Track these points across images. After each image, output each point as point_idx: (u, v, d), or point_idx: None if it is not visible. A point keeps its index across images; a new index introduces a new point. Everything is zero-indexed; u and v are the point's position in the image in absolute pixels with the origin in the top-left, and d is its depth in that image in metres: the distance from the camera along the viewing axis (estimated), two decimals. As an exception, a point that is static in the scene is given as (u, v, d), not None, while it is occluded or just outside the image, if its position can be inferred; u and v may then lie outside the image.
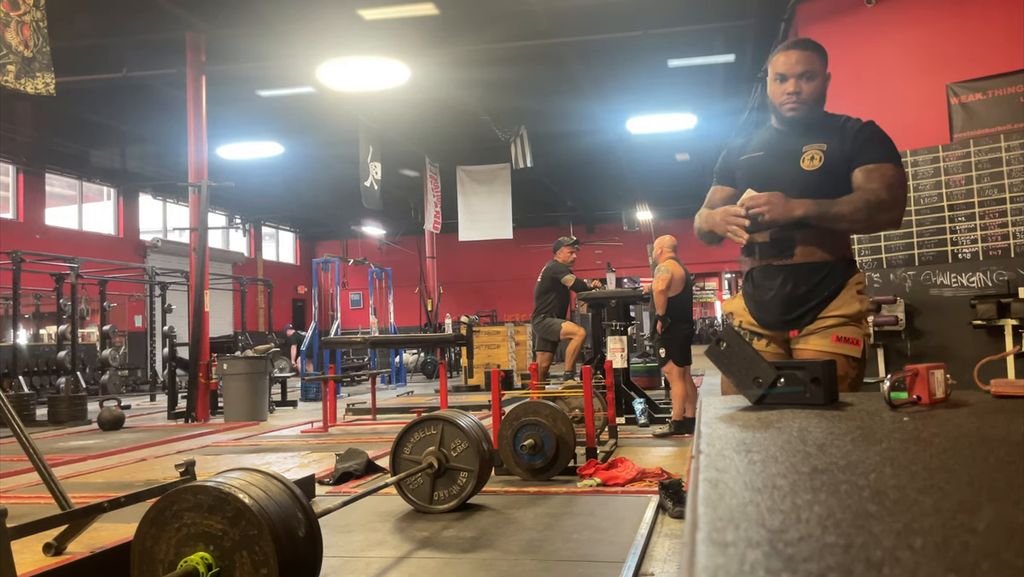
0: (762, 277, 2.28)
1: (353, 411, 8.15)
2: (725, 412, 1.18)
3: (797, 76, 2.22)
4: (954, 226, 5.84)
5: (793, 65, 2.23)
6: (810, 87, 2.23)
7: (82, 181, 16.18)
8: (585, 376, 4.51)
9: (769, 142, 2.33)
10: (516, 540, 3.03)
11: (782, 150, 2.27)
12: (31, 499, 3.97)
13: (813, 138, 2.24)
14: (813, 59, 2.24)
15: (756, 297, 2.31)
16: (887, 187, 2.14)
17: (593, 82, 10.95)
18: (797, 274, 2.20)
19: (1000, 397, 1.25)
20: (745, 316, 2.34)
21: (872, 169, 2.16)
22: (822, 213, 2.09)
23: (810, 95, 2.23)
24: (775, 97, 2.27)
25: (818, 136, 2.24)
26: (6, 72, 5.40)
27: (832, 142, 2.22)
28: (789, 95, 2.23)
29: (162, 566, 2.00)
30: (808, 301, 2.20)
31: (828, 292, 2.19)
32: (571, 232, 21.13)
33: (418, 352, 15.81)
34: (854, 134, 2.22)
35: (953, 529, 0.44)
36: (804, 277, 2.19)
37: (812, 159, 2.21)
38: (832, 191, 2.15)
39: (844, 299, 2.19)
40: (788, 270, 2.21)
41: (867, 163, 2.17)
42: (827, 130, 2.26)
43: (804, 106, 2.23)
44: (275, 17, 8.29)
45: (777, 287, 2.23)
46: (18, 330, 10.64)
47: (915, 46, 6.54)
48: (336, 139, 12.81)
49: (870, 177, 2.15)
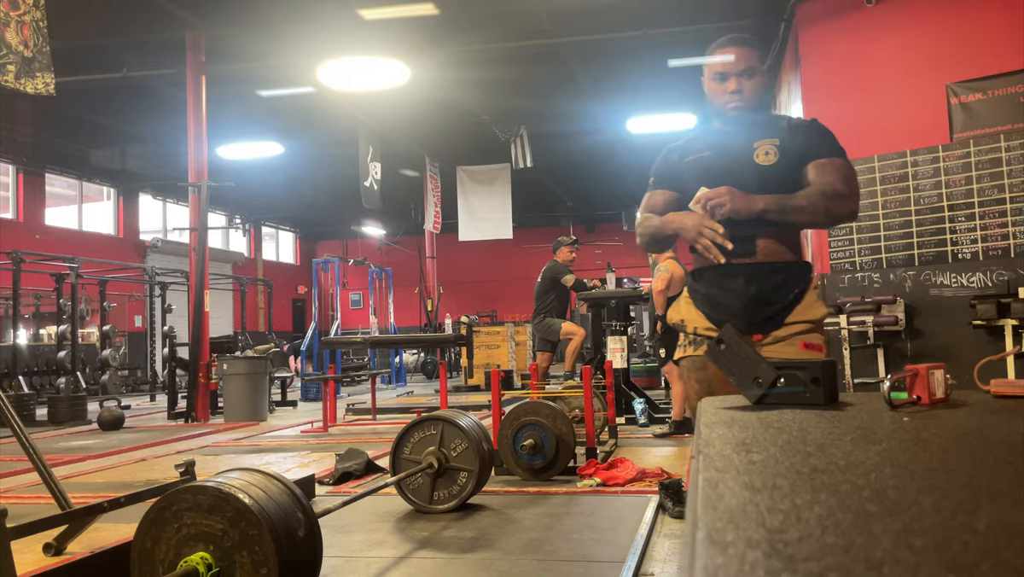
0: (719, 277, 2.17)
1: (353, 411, 8.16)
2: (725, 412, 1.18)
3: (738, 74, 2.18)
4: (954, 226, 5.84)
5: (736, 62, 2.18)
6: (752, 84, 2.19)
7: (82, 181, 16.18)
8: (585, 376, 4.51)
9: (716, 143, 2.26)
10: (516, 540, 3.03)
11: (732, 148, 2.21)
12: (31, 499, 3.97)
13: (762, 134, 2.20)
14: (752, 55, 2.20)
15: (713, 299, 2.20)
16: (843, 179, 2.12)
17: (593, 82, 10.95)
18: (760, 274, 2.12)
19: (1000, 397, 1.25)
20: (700, 321, 2.23)
21: (825, 163, 2.15)
22: (782, 206, 2.05)
23: (753, 92, 2.19)
24: (716, 97, 2.22)
25: (767, 132, 2.21)
26: (6, 72, 5.40)
27: (783, 137, 2.19)
28: (732, 94, 2.18)
29: (162, 566, 2.00)
30: (774, 304, 2.13)
31: (793, 295, 2.14)
32: (571, 232, 21.12)
33: (418, 352, 15.81)
34: (804, 130, 2.21)
35: (953, 529, 0.44)
36: (766, 278, 2.13)
37: (767, 154, 2.17)
38: (789, 186, 2.12)
39: (808, 303, 2.15)
40: (750, 270, 2.12)
41: (819, 157, 2.15)
42: (774, 127, 2.23)
43: (748, 103, 2.19)
44: (275, 17, 8.29)
45: (740, 288, 2.13)
46: (18, 330, 10.64)
47: (915, 46, 6.54)
48: (336, 139, 12.81)
49: (824, 170, 2.13)
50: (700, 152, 2.26)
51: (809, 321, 2.13)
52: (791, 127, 2.22)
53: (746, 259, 2.12)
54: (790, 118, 2.28)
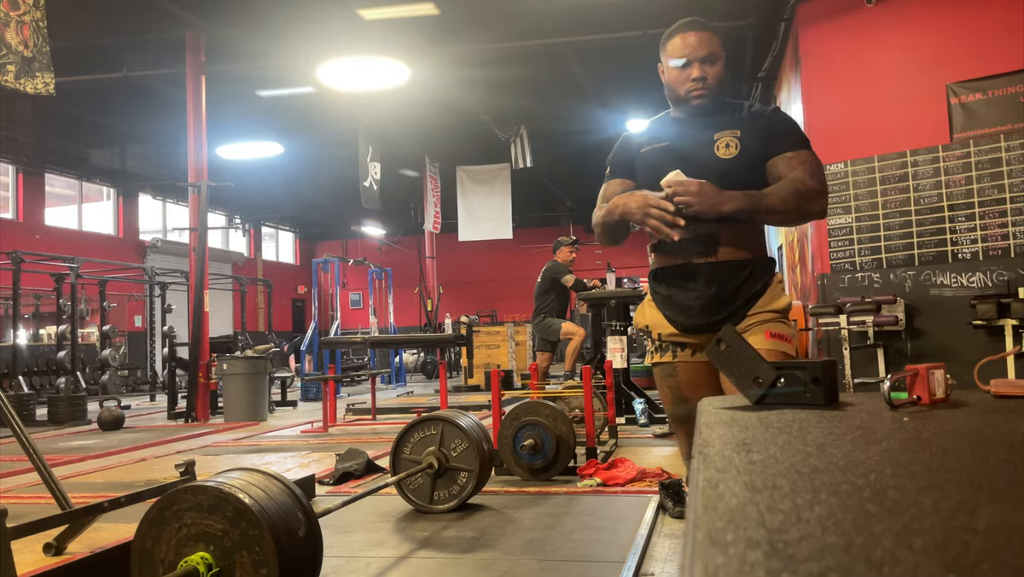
0: (678, 277, 2.08)
1: (353, 411, 8.15)
2: (725, 412, 1.18)
3: (701, 60, 2.05)
4: (954, 226, 5.84)
5: (695, 48, 2.05)
6: (714, 71, 2.07)
7: (82, 181, 16.18)
8: (585, 376, 4.51)
9: (674, 133, 2.14)
10: (516, 540, 3.03)
11: (691, 139, 2.10)
12: (31, 499, 3.97)
13: (723, 125, 2.09)
14: (714, 40, 2.07)
15: (672, 300, 2.11)
16: (811, 174, 2.02)
17: (593, 82, 10.95)
18: (721, 273, 2.03)
19: (1000, 397, 1.25)
20: (664, 327, 2.13)
21: (792, 157, 2.04)
22: (753, 207, 1.94)
23: (715, 79, 2.07)
24: (677, 85, 2.09)
25: (727, 123, 2.09)
26: (6, 72, 5.40)
27: (744, 128, 2.07)
28: (695, 81, 2.06)
29: (162, 566, 2.00)
30: (735, 300, 2.05)
31: (755, 290, 2.05)
32: (571, 232, 21.13)
33: (418, 352, 15.82)
34: (766, 121, 2.09)
35: (953, 529, 0.44)
36: (728, 276, 2.03)
37: (727, 146, 2.05)
38: (748, 180, 2.02)
39: (772, 295, 2.07)
40: (710, 269, 2.03)
41: (786, 151, 2.05)
42: (734, 117, 2.11)
43: (711, 92, 2.07)
44: (275, 17, 8.29)
45: (700, 288, 2.04)
46: (18, 330, 10.64)
47: (915, 46, 6.54)
48: (336, 139, 12.81)
49: (792, 165, 2.03)
50: (658, 142, 2.14)
51: (774, 311, 2.05)
52: (752, 116, 2.10)
53: (707, 258, 2.03)
54: (749, 105, 2.16)
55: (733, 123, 2.09)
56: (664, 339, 2.14)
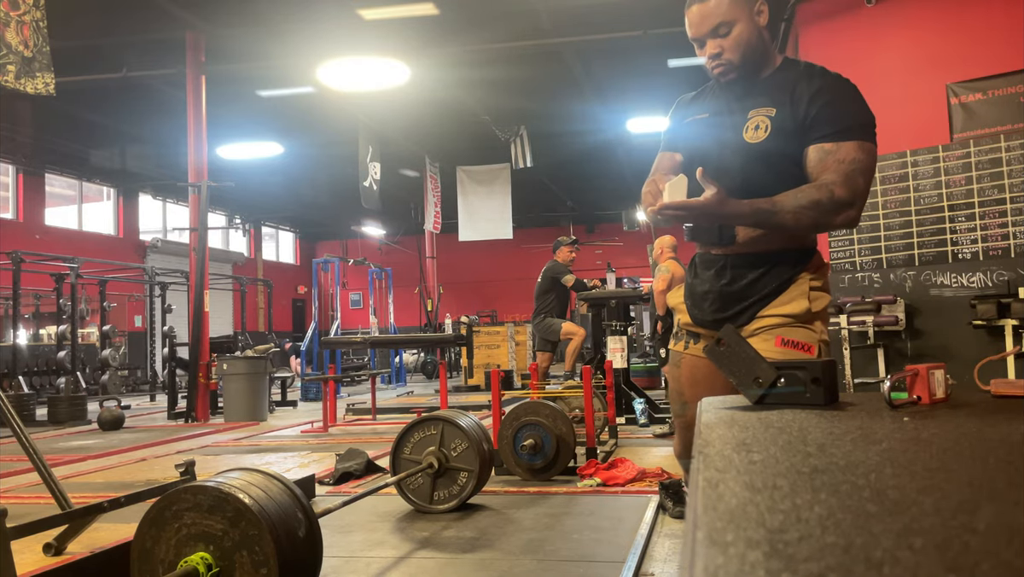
0: (701, 267, 1.96)
1: (353, 411, 8.15)
2: (725, 412, 1.18)
3: (710, 35, 1.81)
4: (954, 226, 5.84)
5: (699, 24, 1.81)
6: (732, 40, 1.79)
7: (82, 181, 16.18)
8: (585, 376, 4.51)
9: (716, 104, 1.93)
10: (516, 540, 3.03)
11: (726, 115, 1.88)
12: (31, 499, 3.97)
13: (760, 99, 1.83)
14: (721, 4, 1.78)
15: (693, 289, 1.98)
16: (844, 178, 1.71)
17: (593, 82, 10.95)
18: (735, 265, 1.87)
19: (1000, 397, 1.25)
20: (684, 314, 2.02)
21: (830, 151, 1.74)
22: (761, 223, 1.75)
23: (735, 48, 1.80)
24: (706, 64, 1.87)
25: (767, 95, 1.83)
26: (6, 72, 5.40)
27: (782, 105, 1.80)
28: (711, 59, 1.83)
29: (162, 566, 2.00)
30: (746, 298, 1.86)
31: (770, 289, 1.84)
32: (571, 232, 21.14)
33: (418, 352, 15.82)
34: (809, 97, 1.77)
35: (953, 529, 0.44)
36: (742, 269, 1.86)
37: (756, 128, 1.81)
38: (781, 167, 1.79)
39: (790, 296, 1.84)
40: (725, 260, 1.88)
41: (823, 140, 1.75)
42: (777, 86, 1.83)
43: (732, 65, 1.81)
44: (275, 17, 8.29)
45: (711, 279, 1.91)
46: (18, 330, 10.64)
47: (915, 46, 6.54)
48: (336, 139, 12.81)
49: (825, 163, 1.74)
50: (699, 113, 1.95)
51: (788, 316, 1.83)
52: (796, 91, 1.79)
53: (725, 248, 1.87)
54: (806, 70, 1.84)
55: (774, 98, 1.82)
56: (682, 326, 2.04)
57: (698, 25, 1.81)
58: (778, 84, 1.83)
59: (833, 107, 1.76)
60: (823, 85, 1.78)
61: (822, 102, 1.76)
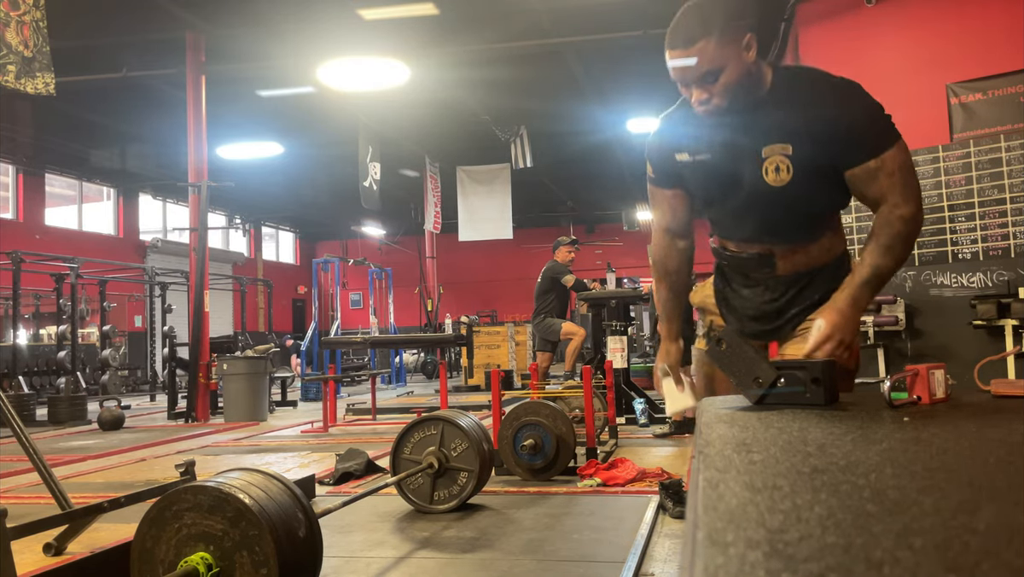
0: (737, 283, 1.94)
1: (353, 411, 8.15)
2: (725, 412, 1.18)
3: (696, 83, 1.66)
4: (954, 226, 5.84)
5: (683, 73, 1.66)
6: (721, 87, 1.64)
7: (82, 181, 16.18)
8: (585, 376, 4.51)
9: (714, 140, 1.77)
10: (516, 540, 3.03)
11: (734, 153, 1.74)
12: (31, 499, 3.97)
13: (770, 134, 1.69)
14: (707, 46, 1.61)
15: (728, 301, 1.97)
16: (902, 192, 1.66)
17: (593, 82, 10.95)
18: (776, 285, 1.87)
19: (1000, 397, 1.25)
20: (717, 317, 2.02)
21: (876, 169, 1.65)
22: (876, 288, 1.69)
23: (725, 94, 1.65)
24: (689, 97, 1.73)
25: (776, 128, 1.68)
26: (6, 72, 5.40)
27: (797, 139, 1.67)
28: (700, 104, 1.68)
29: (162, 566, 2.00)
30: (788, 310, 1.87)
31: (812, 301, 1.83)
32: (571, 232, 21.13)
33: (418, 352, 15.82)
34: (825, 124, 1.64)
35: (953, 529, 0.44)
36: (784, 288, 1.86)
37: (777, 170, 1.69)
38: (803, 207, 1.75)
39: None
40: (768, 283, 1.88)
41: (865, 159, 1.65)
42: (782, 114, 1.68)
43: (724, 104, 1.67)
44: (275, 17, 8.29)
45: (751, 296, 1.90)
46: (18, 330, 10.64)
47: (915, 46, 6.54)
48: (336, 139, 12.81)
49: (878, 184, 1.66)
50: (697, 152, 1.81)
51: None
52: (808, 119, 1.65)
53: (765, 272, 1.86)
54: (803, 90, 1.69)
55: (784, 131, 1.68)
56: (715, 327, 2.01)
57: (681, 73, 1.67)
58: (782, 110, 1.69)
59: (858, 123, 1.65)
60: (834, 103, 1.67)
61: (845, 124, 1.64)
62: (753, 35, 1.65)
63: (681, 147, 1.84)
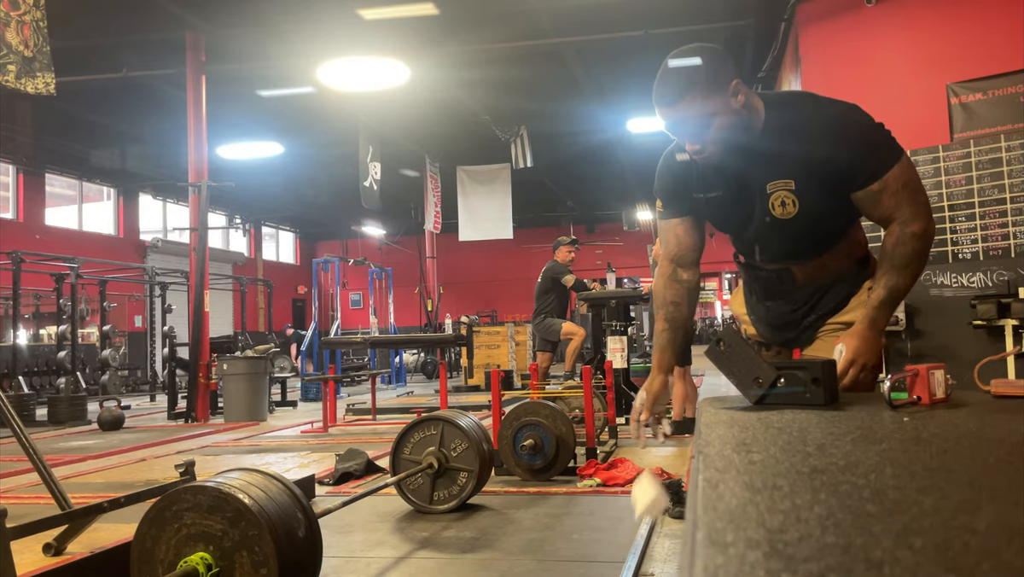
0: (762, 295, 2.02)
1: (353, 411, 8.15)
2: (725, 412, 1.18)
3: (690, 137, 1.70)
4: (954, 226, 5.84)
5: (674, 128, 1.71)
6: (712, 136, 1.67)
7: (82, 181, 16.18)
8: (585, 376, 4.51)
9: (717, 178, 1.82)
10: (516, 540, 3.03)
11: (740, 190, 1.80)
12: (31, 499, 3.97)
13: (771, 170, 1.74)
14: (694, 102, 1.63)
15: (755, 310, 2.07)
16: (911, 208, 1.68)
17: (593, 82, 10.95)
18: (797, 297, 1.94)
19: (1000, 397, 1.25)
20: (749, 327, 2.11)
21: (880, 190, 1.67)
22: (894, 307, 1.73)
23: (718, 141, 1.68)
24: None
25: (776, 165, 1.73)
26: (6, 72, 5.40)
27: (799, 175, 1.71)
28: (696, 155, 1.72)
29: (162, 566, 2.00)
30: (809, 317, 1.94)
31: (832, 306, 1.91)
32: (571, 232, 21.13)
33: (418, 352, 15.81)
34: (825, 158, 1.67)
35: (953, 529, 0.44)
36: (805, 298, 1.94)
37: (783, 205, 1.75)
38: (813, 231, 1.81)
39: (853, 305, 1.88)
40: (789, 295, 1.96)
41: (870, 182, 1.67)
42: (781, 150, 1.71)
43: (719, 151, 1.70)
44: (275, 17, 8.29)
45: (777, 307, 1.99)
46: (18, 330, 10.64)
47: (915, 46, 6.54)
48: (336, 139, 12.81)
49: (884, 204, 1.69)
50: (709, 189, 1.84)
51: (847, 323, 1.86)
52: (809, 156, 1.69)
53: (786, 287, 1.94)
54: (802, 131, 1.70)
55: (785, 167, 1.72)
56: (749, 336, 2.10)
57: (672, 129, 1.72)
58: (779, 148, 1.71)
59: (857, 154, 1.66)
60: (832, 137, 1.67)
61: (845, 158, 1.66)
62: (739, 81, 1.66)
63: (691, 185, 1.88)
